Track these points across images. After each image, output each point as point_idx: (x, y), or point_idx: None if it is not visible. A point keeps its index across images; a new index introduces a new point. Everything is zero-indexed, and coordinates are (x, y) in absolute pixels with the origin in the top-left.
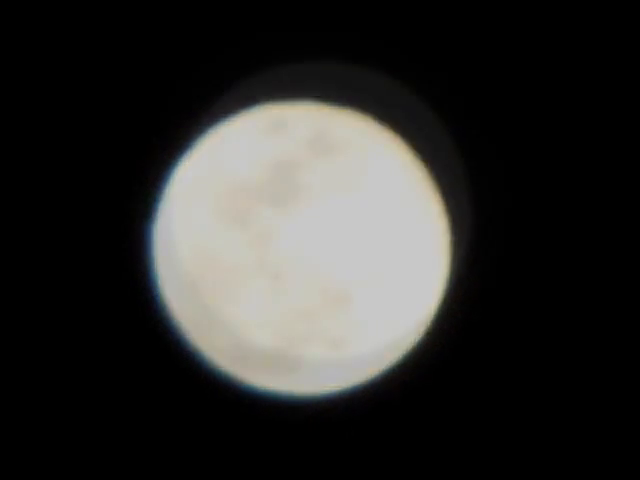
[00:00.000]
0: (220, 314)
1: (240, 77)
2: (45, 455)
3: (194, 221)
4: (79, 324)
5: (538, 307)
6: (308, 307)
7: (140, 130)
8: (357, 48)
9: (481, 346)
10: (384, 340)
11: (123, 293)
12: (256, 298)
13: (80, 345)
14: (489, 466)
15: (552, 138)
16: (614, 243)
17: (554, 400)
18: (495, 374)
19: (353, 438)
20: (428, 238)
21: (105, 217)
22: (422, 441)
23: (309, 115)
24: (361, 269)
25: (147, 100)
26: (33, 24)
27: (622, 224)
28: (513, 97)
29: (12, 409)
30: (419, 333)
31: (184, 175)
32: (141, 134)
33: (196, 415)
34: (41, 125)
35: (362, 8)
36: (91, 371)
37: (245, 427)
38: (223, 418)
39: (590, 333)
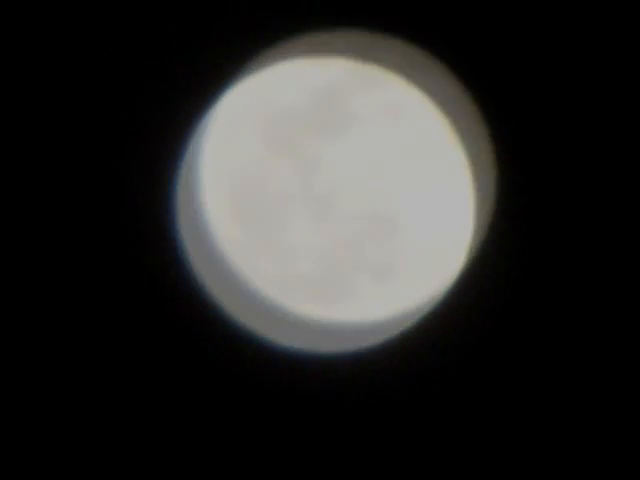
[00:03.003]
0: (265, 242)
1: (286, 4)
2: (85, 400)
3: (240, 149)
4: (121, 251)
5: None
6: (354, 235)
7: (185, 59)
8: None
9: (526, 276)
10: (431, 267)
11: (167, 219)
12: (302, 226)
13: (121, 276)
14: (518, 418)
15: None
16: (631, 206)
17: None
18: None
19: (397, 367)
20: (474, 165)
21: (153, 142)
22: (461, 389)
23: (354, 42)
24: (407, 197)
25: (192, 30)
26: (54, 9)
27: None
28: (541, 66)
29: (40, 355)
30: (466, 261)
31: (230, 102)
32: (186, 63)
33: (235, 345)
34: (87, 66)
35: None
36: (135, 302)
37: (285, 358)
38: (264, 349)
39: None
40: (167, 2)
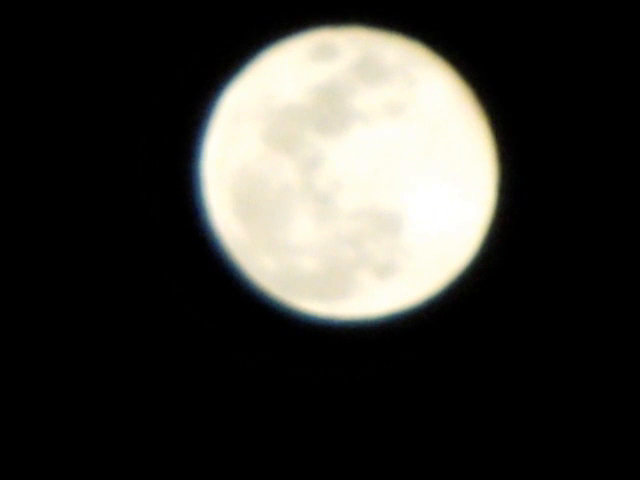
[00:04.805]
0: (267, 238)
1: (287, 4)
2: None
3: (243, 145)
4: (126, 245)
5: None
6: (356, 232)
7: (191, 54)
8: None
9: (528, 272)
10: (432, 264)
11: (172, 214)
12: (303, 222)
13: (124, 266)
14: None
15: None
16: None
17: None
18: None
19: (398, 363)
20: (475, 161)
21: (157, 139)
22: (476, 366)
23: (357, 40)
24: (409, 194)
25: (193, 30)
26: None
27: None
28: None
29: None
30: (467, 257)
31: (233, 99)
32: (192, 58)
33: (242, 339)
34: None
35: None
36: (139, 294)
37: (291, 352)
38: (269, 342)
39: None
40: (168, 2)
